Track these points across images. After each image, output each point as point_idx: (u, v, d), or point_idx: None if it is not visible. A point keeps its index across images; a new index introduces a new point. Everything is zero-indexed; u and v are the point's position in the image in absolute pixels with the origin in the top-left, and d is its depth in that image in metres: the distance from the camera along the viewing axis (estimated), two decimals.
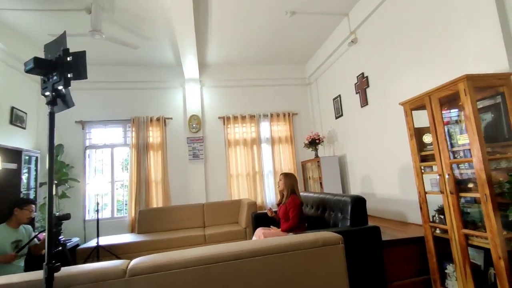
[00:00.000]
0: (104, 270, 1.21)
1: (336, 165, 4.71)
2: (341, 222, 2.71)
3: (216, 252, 1.34)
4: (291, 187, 3.19)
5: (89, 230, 4.76)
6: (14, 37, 3.99)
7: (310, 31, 4.72)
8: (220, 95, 5.78)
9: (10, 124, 4.05)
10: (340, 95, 4.84)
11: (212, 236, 4.11)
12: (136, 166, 5.11)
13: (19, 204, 2.85)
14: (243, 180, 5.50)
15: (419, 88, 2.89)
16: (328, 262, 1.44)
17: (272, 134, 5.74)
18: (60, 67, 1.05)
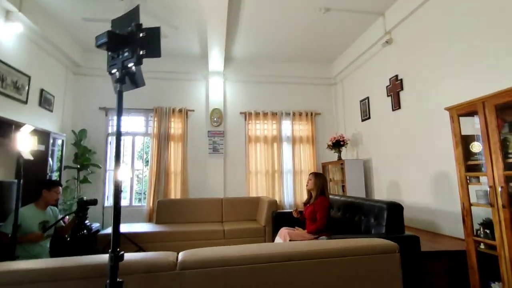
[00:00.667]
0: (154, 261, 1.15)
1: (361, 169, 4.58)
2: (374, 228, 2.60)
3: (269, 251, 1.27)
4: (320, 188, 3.10)
5: (107, 217, 4.77)
6: (47, 20, 3.99)
7: (341, 30, 4.59)
8: (243, 90, 5.71)
9: (39, 106, 4.07)
10: (369, 97, 4.70)
11: (231, 231, 4.05)
12: (156, 156, 5.09)
13: (47, 185, 2.84)
14: (261, 178, 5.43)
15: (463, 93, 2.76)
16: (384, 271, 1.35)
17: (293, 133, 5.64)
18: (132, 43, 0.98)
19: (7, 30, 3.42)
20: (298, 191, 5.46)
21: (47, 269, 1.05)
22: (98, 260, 1.09)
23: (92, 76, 5.23)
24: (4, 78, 3.35)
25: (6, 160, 3.48)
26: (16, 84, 3.56)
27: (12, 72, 3.48)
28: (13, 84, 3.50)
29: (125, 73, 1.03)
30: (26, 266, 1.06)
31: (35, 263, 1.09)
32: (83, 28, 4.41)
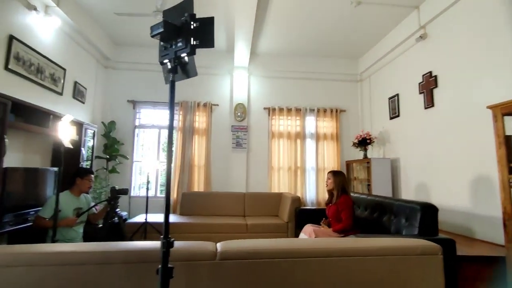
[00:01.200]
0: (195, 251, 1.16)
1: (388, 168, 4.45)
2: (405, 229, 2.52)
3: (309, 246, 1.25)
4: (341, 186, 3.04)
5: (133, 206, 4.92)
6: (81, 14, 4.12)
7: (371, 24, 4.46)
8: (267, 85, 5.68)
9: (73, 97, 4.23)
10: (398, 94, 4.55)
11: (254, 226, 4.07)
12: (181, 149, 5.18)
13: (80, 174, 2.95)
14: (284, 174, 5.40)
15: (506, 92, 2.60)
16: (425, 274, 1.30)
17: (317, 129, 5.56)
18: (185, 33, 0.99)
19: (46, 24, 3.57)
20: (320, 188, 5.39)
21: (94, 252, 1.09)
22: (142, 246, 1.12)
23: (121, 70, 5.38)
24: (42, 70, 3.50)
25: (43, 148, 3.66)
26: (53, 76, 3.72)
27: (50, 64, 3.63)
28: (50, 76, 3.66)
29: (178, 63, 1.03)
30: (75, 248, 1.11)
31: (83, 246, 1.14)
32: (113, 22, 4.52)
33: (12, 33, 3.02)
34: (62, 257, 1.05)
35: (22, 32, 3.17)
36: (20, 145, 3.24)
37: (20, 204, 2.97)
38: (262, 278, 1.17)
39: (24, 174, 3.06)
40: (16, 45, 3.07)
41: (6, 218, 2.77)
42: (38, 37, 3.45)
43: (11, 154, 2.95)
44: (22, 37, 3.16)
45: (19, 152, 3.23)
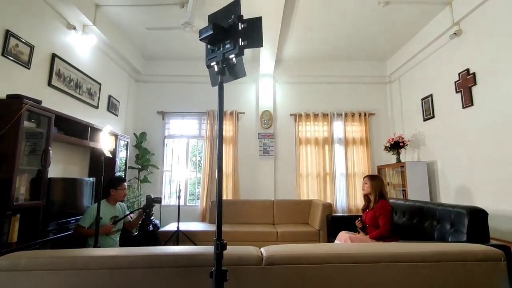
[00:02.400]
0: (242, 255, 1.14)
1: (424, 172, 4.24)
2: (451, 236, 2.36)
3: (355, 251, 1.19)
4: (379, 191, 2.91)
5: (164, 215, 5.00)
6: (114, 31, 4.35)
7: (399, 24, 4.33)
8: (293, 91, 5.66)
9: (107, 110, 4.43)
10: (432, 94, 4.35)
11: (285, 234, 3.99)
12: (209, 157, 5.24)
13: (113, 185, 3.02)
14: (313, 181, 5.30)
15: None
16: (488, 281, 1.19)
17: (346, 134, 5.43)
18: (234, 35, 1.00)
19: (83, 42, 3.79)
20: (351, 194, 5.23)
21: (144, 256, 1.10)
22: (190, 250, 1.12)
23: (150, 83, 5.58)
24: (81, 85, 3.71)
25: (81, 159, 3.84)
26: (90, 91, 3.92)
27: (87, 80, 3.84)
28: (87, 90, 3.86)
29: (226, 64, 1.04)
30: (126, 252, 1.12)
31: (134, 250, 1.15)
32: (143, 37, 4.73)
33: (55, 52, 3.23)
34: (114, 260, 1.07)
35: (63, 50, 3.39)
36: (61, 156, 3.42)
37: (62, 213, 3.12)
38: (309, 284, 1.13)
39: (64, 184, 3.22)
40: (58, 63, 3.27)
41: (50, 227, 2.91)
42: (76, 54, 3.67)
43: (52, 165, 3.12)
44: (63, 55, 3.37)
45: (59, 163, 3.40)
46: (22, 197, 2.48)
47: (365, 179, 2.98)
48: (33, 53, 2.90)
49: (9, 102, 2.37)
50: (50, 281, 1.05)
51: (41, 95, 2.91)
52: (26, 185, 2.54)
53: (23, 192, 2.50)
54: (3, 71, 2.58)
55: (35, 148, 2.71)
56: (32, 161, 2.66)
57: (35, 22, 2.96)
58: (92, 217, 2.82)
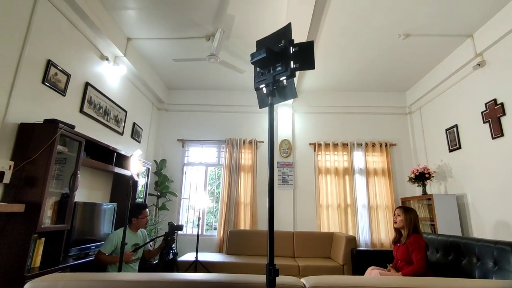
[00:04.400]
0: (281, 285, 1.07)
1: (454, 206, 4.02)
2: (495, 275, 2.17)
3: (408, 285, 1.09)
4: (413, 225, 2.74)
5: (180, 244, 4.89)
6: (142, 62, 4.58)
7: (420, 56, 4.38)
8: (312, 121, 5.67)
9: (131, 137, 4.54)
10: (457, 125, 4.26)
11: (306, 268, 3.80)
12: (228, 186, 5.19)
13: (135, 214, 2.98)
14: (333, 212, 5.12)
15: None
16: None
17: (366, 164, 5.31)
18: (285, 58, 1.02)
19: (114, 72, 4.00)
20: (374, 228, 4.99)
21: (180, 282, 1.04)
22: (229, 279, 1.05)
23: (171, 111, 5.75)
24: (108, 112, 3.85)
25: (104, 184, 3.87)
26: (117, 118, 4.05)
27: (114, 107, 3.99)
28: (114, 117, 3.99)
29: (276, 86, 1.06)
30: (161, 278, 1.07)
31: (170, 275, 1.10)
32: (168, 68, 4.95)
33: (88, 80, 3.41)
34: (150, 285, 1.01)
35: (95, 79, 3.57)
36: (86, 181, 3.46)
37: (82, 238, 3.08)
38: None
39: (87, 209, 3.21)
40: (90, 91, 3.43)
41: (72, 252, 2.87)
42: (106, 83, 3.85)
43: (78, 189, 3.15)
44: (95, 83, 3.55)
45: (84, 188, 3.44)
46: (49, 221, 2.48)
47: (398, 211, 2.83)
48: (69, 81, 3.06)
49: (45, 126, 2.47)
50: None
51: (73, 121, 3.02)
52: (53, 208, 2.55)
53: (50, 215, 2.51)
54: (41, 98, 2.72)
55: (63, 171, 2.76)
56: (61, 184, 2.70)
57: (72, 53, 3.15)
58: (113, 244, 2.77)
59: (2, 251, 2.18)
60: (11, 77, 2.40)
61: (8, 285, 2.09)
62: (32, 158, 2.35)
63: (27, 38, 2.53)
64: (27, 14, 2.54)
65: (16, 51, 2.44)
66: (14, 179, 2.32)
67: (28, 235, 2.22)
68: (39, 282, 1.00)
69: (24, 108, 2.53)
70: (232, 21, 3.77)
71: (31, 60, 2.58)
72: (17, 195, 2.30)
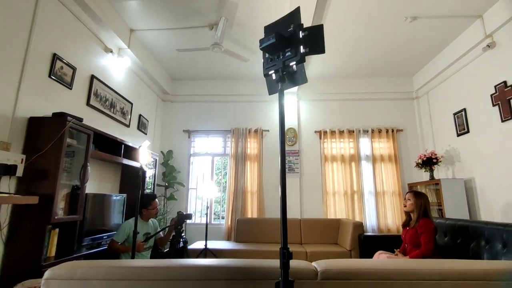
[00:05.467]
0: (297, 269, 1.09)
1: (462, 190, 4.01)
2: (504, 256, 2.18)
3: (419, 267, 1.11)
4: (423, 209, 2.75)
5: (189, 233, 4.98)
6: (146, 53, 4.57)
7: (427, 39, 4.28)
8: (317, 109, 5.64)
9: (137, 129, 4.57)
10: (465, 108, 4.20)
11: (314, 254, 3.85)
12: (234, 175, 5.23)
13: (145, 205, 3.03)
14: (340, 199, 5.14)
15: None
16: None
17: (373, 151, 5.29)
18: (294, 43, 1.01)
19: (118, 64, 4.00)
20: (381, 213, 5.01)
21: (196, 268, 1.07)
22: (244, 263, 1.08)
23: (176, 102, 5.75)
24: (115, 105, 3.87)
25: (113, 176, 3.93)
26: (123, 110, 4.08)
27: (120, 100, 4.01)
28: (120, 110, 4.02)
29: (286, 72, 1.05)
30: (178, 263, 1.10)
31: (186, 261, 1.13)
32: (172, 59, 4.93)
33: (93, 73, 3.42)
34: (168, 271, 1.05)
35: (100, 72, 3.58)
36: (95, 173, 3.52)
37: (94, 229, 3.16)
38: None
39: (98, 200, 3.27)
40: (96, 84, 3.45)
41: (84, 242, 2.94)
42: (112, 76, 3.86)
43: (88, 181, 3.20)
44: (100, 76, 3.56)
45: (93, 180, 3.50)
46: (61, 212, 2.55)
47: (408, 195, 2.84)
48: (75, 74, 3.08)
49: (54, 120, 2.50)
50: None
51: (80, 114, 3.05)
52: (65, 200, 2.61)
53: (62, 207, 2.57)
54: (49, 91, 2.74)
55: (73, 164, 2.81)
56: (71, 176, 2.75)
57: (77, 46, 3.16)
58: (125, 233, 2.84)
59: (20, 242, 2.25)
60: (18, 72, 2.42)
61: (27, 273, 2.16)
62: (43, 151, 2.39)
63: (32, 32, 2.53)
64: (31, 8, 2.54)
65: (22, 46, 2.46)
66: (26, 172, 2.37)
67: (43, 226, 2.29)
68: (58, 270, 1.04)
69: (33, 102, 2.56)
70: (235, 9, 3.72)
71: (37, 54, 2.59)
72: (30, 188, 2.35)
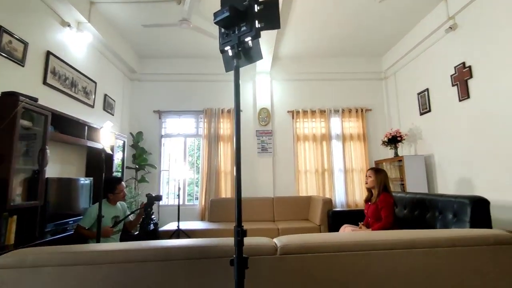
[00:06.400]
0: (254, 245, 1.12)
1: (422, 166, 4.27)
2: (454, 226, 2.37)
3: (371, 239, 1.18)
4: (382, 184, 2.91)
5: (163, 215, 4.95)
6: (109, 29, 4.28)
7: (395, 20, 4.35)
8: (290, 89, 5.65)
9: (103, 110, 4.36)
10: (428, 88, 4.38)
11: (286, 230, 3.99)
12: (207, 156, 5.20)
13: (110, 190, 2.92)
14: (311, 177, 5.30)
15: None
16: (501, 264, 1.19)
17: (343, 130, 5.45)
18: (250, 17, 0.97)
19: (78, 39, 3.72)
20: (350, 190, 5.24)
21: (156, 249, 1.07)
22: (203, 243, 1.09)
23: (145, 81, 5.52)
24: (76, 84, 3.64)
25: (78, 159, 3.76)
26: (86, 90, 3.85)
27: (82, 78, 3.77)
28: (83, 89, 3.79)
29: (241, 48, 1.02)
30: (137, 246, 1.09)
31: (145, 243, 1.12)
32: (138, 36, 4.67)
33: (49, 49, 3.16)
34: (126, 254, 1.04)
35: (57, 48, 3.32)
36: (58, 156, 3.35)
37: (59, 214, 3.04)
38: (326, 272, 1.11)
39: (62, 184, 3.14)
40: (53, 61, 3.20)
41: (48, 228, 2.84)
42: (71, 52, 3.60)
43: (49, 165, 3.05)
44: (57, 52, 3.30)
45: (56, 163, 3.33)
46: (19, 198, 2.42)
47: (369, 172, 2.97)
48: (28, 50, 2.83)
49: (3, 99, 2.31)
50: (59, 276, 1.01)
51: (36, 94, 2.84)
52: (23, 185, 2.47)
53: (20, 193, 2.44)
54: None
55: (31, 147, 2.65)
56: (29, 160, 2.59)
57: (28, 19, 2.89)
58: (92, 217, 2.76)
59: None
60: None
61: None
62: None
63: None
64: None
65: None
66: None
67: None
68: (6, 258, 1.00)
69: None
70: None
71: None
72: None
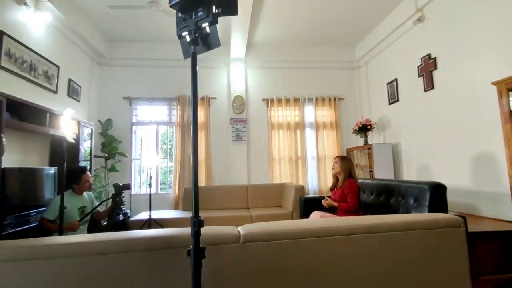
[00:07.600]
0: (219, 234, 1.13)
1: (389, 153, 4.47)
2: (414, 210, 2.52)
3: (331, 225, 1.23)
4: (348, 171, 3.03)
5: (135, 204, 4.85)
6: (72, 9, 4.01)
7: (368, 10, 4.42)
8: (265, 76, 5.63)
9: (68, 96, 4.13)
10: (397, 79, 4.54)
11: (259, 217, 4.05)
12: (180, 144, 5.12)
13: (75, 180, 2.78)
14: (285, 164, 5.39)
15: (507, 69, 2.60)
16: (450, 246, 1.29)
17: (316, 118, 5.54)
18: (207, 2, 0.93)
19: (37, 19, 3.46)
20: (322, 177, 5.40)
21: (115, 241, 1.05)
22: (165, 233, 1.08)
23: (115, 66, 5.27)
24: (35, 67, 3.40)
25: (40, 148, 3.57)
26: (47, 74, 3.62)
27: (42, 61, 3.53)
28: (44, 73, 3.56)
29: (199, 34, 0.98)
30: (96, 238, 1.06)
31: (106, 235, 1.10)
32: (105, 18, 4.42)
33: (3, 29, 2.92)
34: (83, 247, 1.01)
35: (13, 28, 3.07)
36: (17, 145, 3.15)
37: (20, 205, 2.90)
38: (287, 259, 1.15)
39: (22, 175, 2.98)
40: (8, 42, 2.96)
41: (8, 220, 2.70)
42: (29, 34, 3.34)
43: (8, 155, 2.87)
44: (13, 33, 3.05)
45: (16, 153, 3.14)
46: None
47: (336, 159, 3.09)
48: None
49: None
50: (11, 273, 0.97)
51: None
52: None
53: None
54: None
55: None
56: None
57: None
58: (57, 209, 2.64)
59: None
60: None
61: None
62: None
63: None
64: None
65: None
66: None
67: None
68: None
69: None
70: None
71: None
72: None
